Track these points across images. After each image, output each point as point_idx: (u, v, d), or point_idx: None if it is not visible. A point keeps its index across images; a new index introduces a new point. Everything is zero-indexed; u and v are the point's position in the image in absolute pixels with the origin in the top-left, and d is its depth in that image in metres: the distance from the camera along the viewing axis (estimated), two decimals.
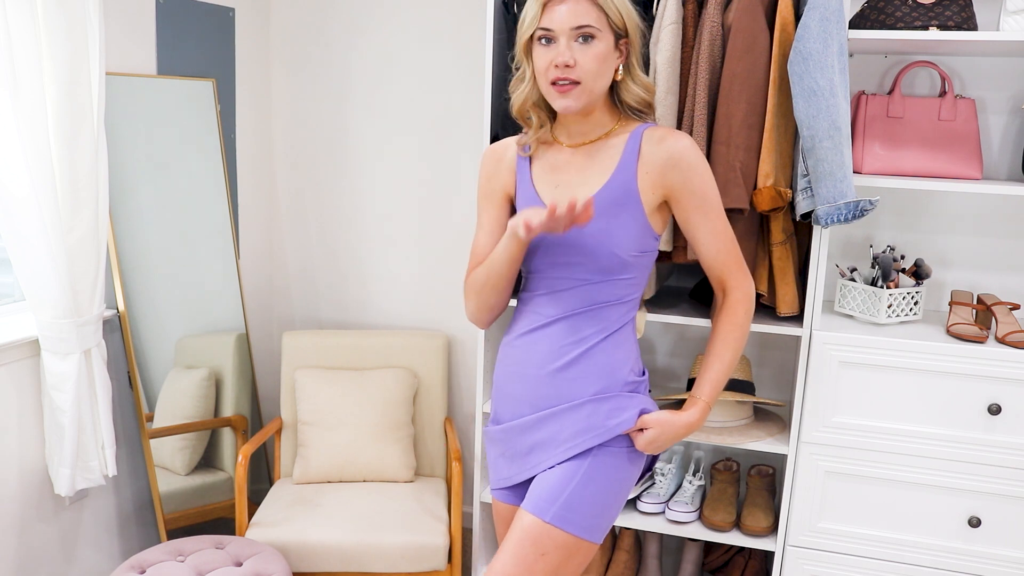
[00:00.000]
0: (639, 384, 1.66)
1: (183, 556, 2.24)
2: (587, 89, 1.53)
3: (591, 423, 1.59)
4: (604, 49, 1.53)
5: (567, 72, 1.51)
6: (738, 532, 2.36)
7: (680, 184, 1.57)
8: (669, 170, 1.56)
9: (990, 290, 2.42)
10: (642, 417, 1.60)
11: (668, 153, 1.56)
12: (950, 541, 2.16)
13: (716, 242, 1.61)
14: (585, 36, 1.51)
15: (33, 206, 2.06)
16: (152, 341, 2.60)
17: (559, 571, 1.55)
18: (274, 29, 3.06)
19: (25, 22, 2.00)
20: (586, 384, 1.60)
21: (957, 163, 2.21)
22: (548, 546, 1.54)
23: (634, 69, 1.60)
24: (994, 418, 2.08)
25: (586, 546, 1.57)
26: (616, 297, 1.60)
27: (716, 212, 1.60)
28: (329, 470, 2.69)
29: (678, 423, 1.59)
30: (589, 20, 1.50)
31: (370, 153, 3.04)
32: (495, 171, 1.72)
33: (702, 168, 1.58)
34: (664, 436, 1.59)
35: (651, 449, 1.60)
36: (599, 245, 1.56)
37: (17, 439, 2.23)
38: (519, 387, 1.66)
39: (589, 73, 1.52)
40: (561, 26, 1.50)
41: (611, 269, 1.58)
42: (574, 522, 1.54)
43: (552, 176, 1.64)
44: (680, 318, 2.27)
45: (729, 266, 1.62)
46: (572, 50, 1.51)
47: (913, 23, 2.07)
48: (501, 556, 1.57)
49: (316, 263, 3.18)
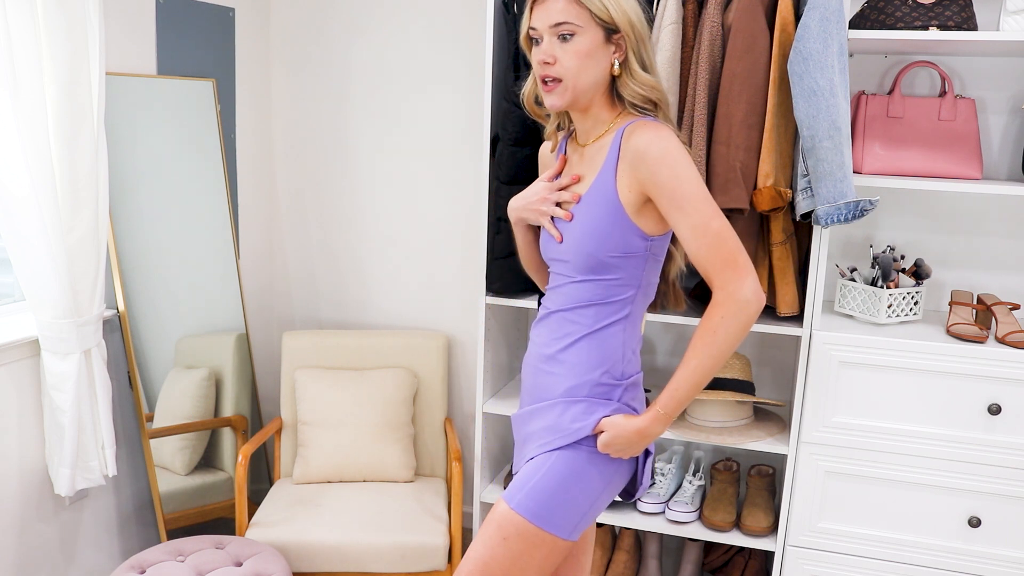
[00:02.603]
0: (615, 388, 1.61)
1: (183, 556, 2.24)
2: (569, 86, 1.53)
3: (558, 424, 1.61)
4: (587, 45, 1.52)
5: (548, 69, 1.53)
6: (738, 532, 2.37)
7: (648, 179, 1.50)
8: (638, 164, 1.51)
9: (990, 290, 2.42)
10: (601, 420, 1.60)
11: (634, 148, 1.51)
12: (950, 541, 2.16)
13: (697, 238, 1.48)
14: (564, 34, 1.52)
15: (33, 206, 2.06)
16: (152, 341, 2.60)
17: (520, 560, 1.57)
18: (274, 29, 3.06)
19: (25, 22, 1.99)
20: (559, 380, 1.63)
21: (957, 163, 2.21)
22: (510, 531, 1.57)
23: (632, 65, 1.56)
24: (994, 418, 2.08)
25: (548, 538, 1.57)
26: (600, 297, 1.59)
27: (696, 206, 1.48)
28: (329, 470, 2.69)
29: (629, 428, 1.56)
30: (567, 17, 1.51)
31: (370, 153, 3.04)
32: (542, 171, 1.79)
33: (671, 160, 1.48)
34: (618, 440, 1.57)
35: (611, 452, 1.59)
36: (578, 246, 1.57)
37: (17, 439, 2.23)
38: (524, 376, 1.75)
39: (569, 70, 1.52)
40: (543, 24, 1.52)
41: (592, 269, 1.57)
42: (532, 510, 1.56)
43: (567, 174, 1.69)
44: (680, 318, 2.27)
45: (714, 263, 1.49)
46: (553, 48, 1.52)
47: (913, 23, 2.07)
48: (475, 536, 1.64)
49: (316, 263, 3.18)
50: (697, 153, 2.06)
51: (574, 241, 1.58)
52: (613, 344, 1.61)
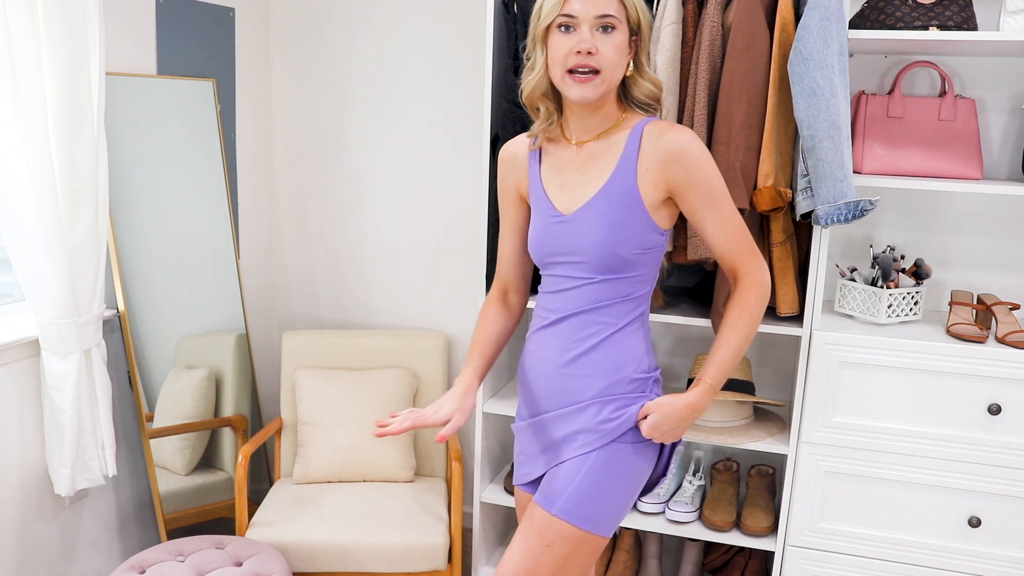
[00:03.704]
0: (646, 382, 1.65)
1: (183, 556, 2.24)
2: (606, 79, 1.54)
3: (596, 424, 1.61)
4: (622, 41, 1.54)
5: (588, 60, 1.51)
6: (738, 532, 2.37)
7: (683, 179, 1.55)
8: (670, 165, 1.55)
9: (990, 290, 2.42)
10: (644, 404, 1.61)
11: (667, 148, 1.55)
12: (950, 541, 2.16)
13: (726, 232, 1.58)
14: (606, 26, 1.51)
15: (33, 206, 2.06)
16: (152, 341, 2.60)
17: (566, 563, 1.58)
18: (274, 29, 3.06)
19: (25, 22, 2.00)
20: (592, 381, 1.62)
21: (957, 163, 2.21)
22: (553, 538, 1.57)
23: (643, 65, 1.61)
24: (994, 418, 2.08)
25: (593, 539, 1.59)
26: (622, 295, 1.61)
27: (723, 202, 1.57)
28: (329, 470, 2.69)
29: (679, 404, 1.59)
30: (612, 10, 1.51)
31: (370, 153, 3.04)
32: (509, 171, 1.74)
33: (704, 160, 1.56)
34: (668, 419, 1.59)
35: (657, 435, 1.60)
36: (601, 246, 1.56)
37: (17, 439, 2.23)
38: (535, 383, 1.70)
39: (610, 62, 1.52)
40: (585, 14, 1.51)
41: (614, 268, 1.58)
42: (578, 515, 1.57)
43: (558, 175, 1.65)
44: (680, 318, 2.27)
45: (741, 253, 1.59)
46: (595, 38, 1.51)
47: (913, 23, 2.07)
48: (511, 547, 1.61)
49: (316, 263, 3.18)
50: None
51: (594, 241, 1.57)
52: (636, 340, 1.64)
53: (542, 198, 1.66)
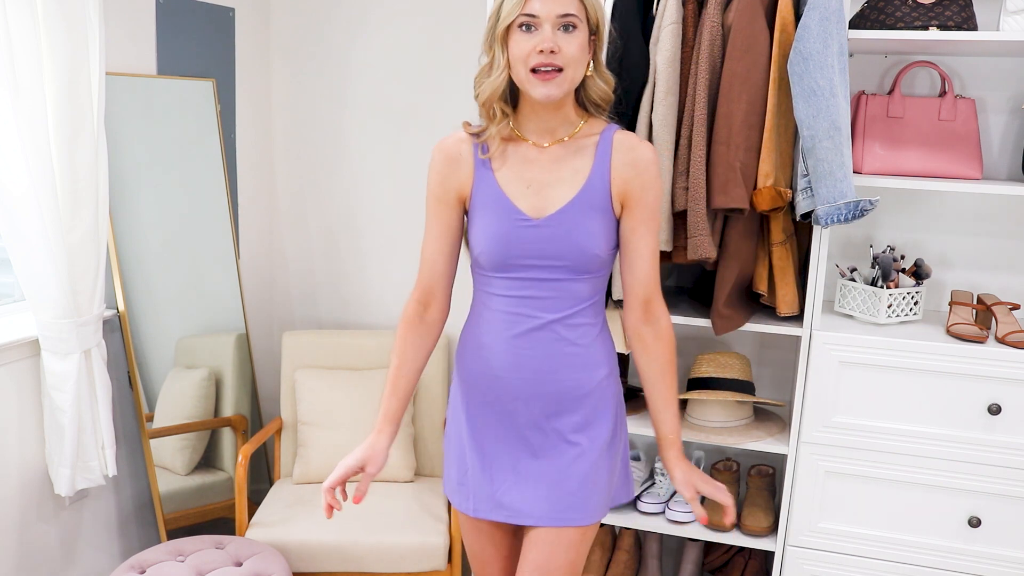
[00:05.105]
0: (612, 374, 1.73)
1: (183, 556, 2.24)
2: (568, 77, 1.54)
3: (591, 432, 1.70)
4: (583, 40, 1.55)
5: (552, 58, 1.51)
6: (738, 532, 2.36)
7: (639, 193, 1.60)
8: (634, 178, 1.60)
9: (990, 290, 2.42)
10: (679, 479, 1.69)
11: (637, 161, 1.60)
12: (950, 541, 2.16)
13: (652, 258, 1.63)
14: (568, 25, 1.52)
15: (33, 206, 2.06)
16: (152, 341, 2.60)
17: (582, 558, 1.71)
18: (274, 29, 3.06)
19: (25, 22, 2.00)
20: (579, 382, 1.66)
21: (957, 163, 2.21)
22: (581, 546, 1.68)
23: (600, 65, 1.63)
24: (994, 418, 2.08)
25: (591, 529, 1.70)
26: (597, 292, 1.66)
27: (657, 227, 1.64)
28: (329, 470, 2.66)
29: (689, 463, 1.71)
30: (572, 9, 1.52)
31: (370, 153, 3.04)
32: (451, 172, 1.66)
33: (659, 182, 1.63)
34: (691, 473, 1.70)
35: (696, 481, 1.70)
36: (584, 248, 1.59)
37: (17, 439, 2.23)
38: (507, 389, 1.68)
39: (572, 60, 1.53)
40: (547, 13, 1.51)
41: (591, 268, 1.62)
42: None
43: (522, 174, 1.62)
44: (680, 318, 2.27)
45: (656, 283, 1.65)
46: (556, 37, 1.51)
47: (913, 23, 2.07)
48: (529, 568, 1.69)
49: (316, 263, 3.18)
50: (697, 153, 2.06)
51: (576, 244, 1.58)
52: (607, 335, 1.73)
53: (500, 199, 1.61)
